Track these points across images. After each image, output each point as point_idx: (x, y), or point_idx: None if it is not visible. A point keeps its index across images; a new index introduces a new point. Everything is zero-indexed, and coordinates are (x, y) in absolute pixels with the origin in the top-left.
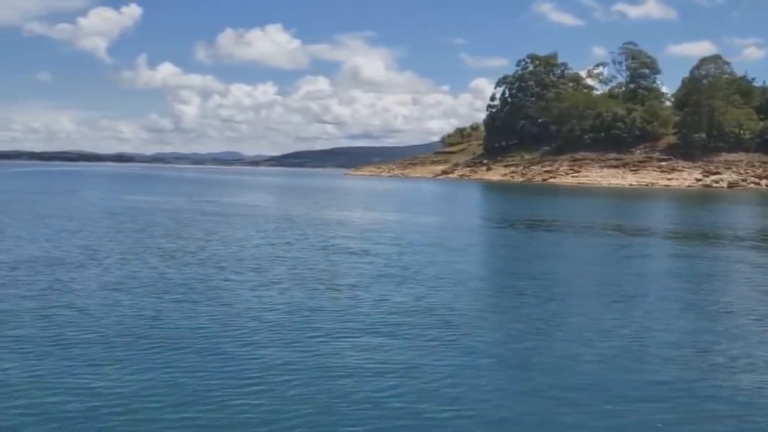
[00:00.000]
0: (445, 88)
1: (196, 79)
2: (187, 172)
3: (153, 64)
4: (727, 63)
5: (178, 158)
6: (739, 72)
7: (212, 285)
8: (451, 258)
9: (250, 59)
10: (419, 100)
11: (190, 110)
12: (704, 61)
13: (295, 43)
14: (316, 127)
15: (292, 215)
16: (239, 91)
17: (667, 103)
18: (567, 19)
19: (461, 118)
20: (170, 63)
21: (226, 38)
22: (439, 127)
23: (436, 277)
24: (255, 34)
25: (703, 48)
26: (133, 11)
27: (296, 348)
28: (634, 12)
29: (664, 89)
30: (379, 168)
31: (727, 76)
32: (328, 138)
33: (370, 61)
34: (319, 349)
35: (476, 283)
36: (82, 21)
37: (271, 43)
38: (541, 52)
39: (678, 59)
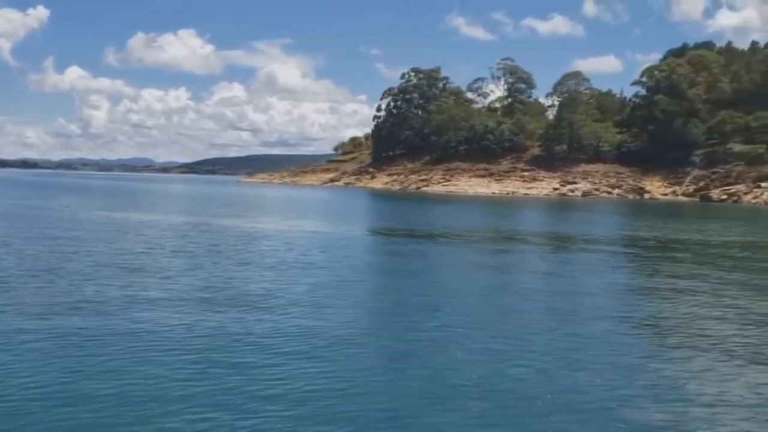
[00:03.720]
0: (362, 97)
1: (105, 83)
2: (71, 178)
3: (60, 67)
4: (587, 79)
5: (86, 164)
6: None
7: None
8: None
9: (162, 64)
10: (337, 108)
11: (99, 115)
12: (566, 77)
13: (209, 48)
14: (231, 134)
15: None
16: (150, 96)
17: (550, 116)
18: (479, 33)
19: None
20: (78, 67)
21: (137, 42)
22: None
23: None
24: (167, 39)
25: (608, 63)
26: (40, 13)
27: None
28: (543, 27)
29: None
30: (271, 175)
31: (587, 91)
32: (243, 145)
33: (287, 69)
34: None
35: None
36: None
37: (184, 47)
38: (455, 65)
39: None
